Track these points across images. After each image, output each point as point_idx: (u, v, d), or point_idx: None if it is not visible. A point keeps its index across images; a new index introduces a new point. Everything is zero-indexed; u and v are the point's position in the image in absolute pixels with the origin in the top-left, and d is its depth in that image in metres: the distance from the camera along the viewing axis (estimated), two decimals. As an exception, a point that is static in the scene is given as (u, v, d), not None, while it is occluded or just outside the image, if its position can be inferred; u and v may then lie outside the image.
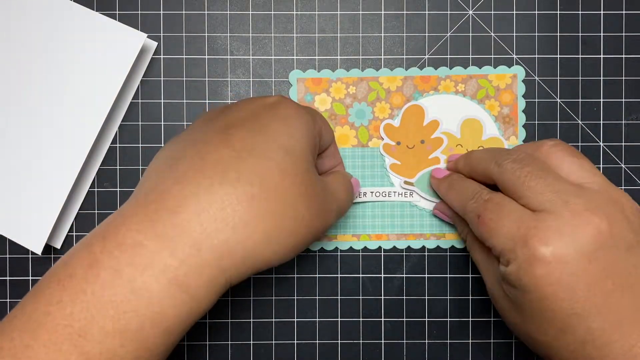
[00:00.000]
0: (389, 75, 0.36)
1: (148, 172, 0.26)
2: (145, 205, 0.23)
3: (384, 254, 0.36)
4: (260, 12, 0.36)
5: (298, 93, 0.36)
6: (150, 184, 0.25)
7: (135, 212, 0.23)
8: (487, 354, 0.36)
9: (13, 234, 0.34)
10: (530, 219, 0.26)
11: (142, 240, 0.22)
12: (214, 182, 0.24)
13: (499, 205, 0.28)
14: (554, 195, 0.26)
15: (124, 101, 0.36)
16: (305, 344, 0.36)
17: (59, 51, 0.34)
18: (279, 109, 0.27)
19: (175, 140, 0.27)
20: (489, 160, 0.30)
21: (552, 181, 0.27)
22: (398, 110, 0.36)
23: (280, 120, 0.26)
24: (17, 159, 0.34)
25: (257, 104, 0.27)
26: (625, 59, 0.36)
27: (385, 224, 0.36)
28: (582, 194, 0.26)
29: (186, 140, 0.26)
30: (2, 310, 0.36)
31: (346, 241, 0.36)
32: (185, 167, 0.24)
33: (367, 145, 0.36)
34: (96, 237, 0.23)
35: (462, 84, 0.36)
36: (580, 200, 0.26)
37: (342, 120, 0.36)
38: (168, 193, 0.23)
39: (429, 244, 0.36)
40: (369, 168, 0.36)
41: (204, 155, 0.25)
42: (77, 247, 0.23)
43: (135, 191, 0.25)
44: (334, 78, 0.36)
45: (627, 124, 0.36)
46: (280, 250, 0.25)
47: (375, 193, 0.35)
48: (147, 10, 0.36)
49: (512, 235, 0.27)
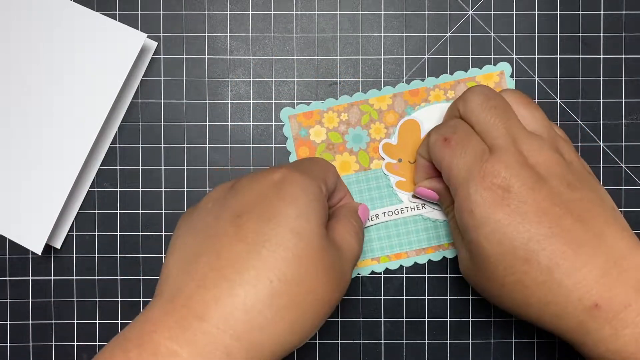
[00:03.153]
0: (378, 95, 0.36)
1: (168, 265, 0.26)
2: (174, 311, 0.24)
3: (406, 275, 0.36)
4: (260, 12, 0.36)
5: (292, 130, 0.36)
6: (174, 283, 0.25)
7: (165, 319, 0.24)
8: (487, 354, 0.36)
9: (13, 234, 0.34)
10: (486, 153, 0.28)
11: (177, 350, 0.23)
12: (234, 285, 0.24)
13: (467, 132, 0.30)
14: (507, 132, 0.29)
15: (124, 101, 0.36)
16: (305, 344, 0.36)
17: (59, 51, 0.34)
18: (285, 188, 0.27)
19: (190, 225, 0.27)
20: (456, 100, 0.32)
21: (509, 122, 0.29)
22: (393, 128, 0.36)
23: (288, 202, 0.26)
24: (17, 159, 0.34)
25: (263, 184, 0.27)
26: (625, 59, 0.36)
27: (402, 241, 0.36)
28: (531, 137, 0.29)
29: (201, 230, 0.27)
30: (2, 310, 0.36)
31: (367, 266, 0.36)
32: (204, 267, 0.25)
33: (369, 168, 0.36)
34: (132, 343, 0.23)
35: (452, 91, 0.36)
36: (527, 140, 0.29)
37: (340, 147, 0.36)
38: (192, 299, 0.24)
39: (448, 253, 0.36)
40: (375, 190, 0.36)
41: (219, 251, 0.25)
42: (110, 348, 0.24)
43: (159, 288, 0.26)
44: (325, 108, 0.36)
45: (627, 124, 0.36)
46: (306, 335, 0.26)
47: (388, 212, 0.35)
48: (147, 10, 0.36)
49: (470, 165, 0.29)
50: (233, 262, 0.25)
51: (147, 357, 0.23)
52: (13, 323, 0.36)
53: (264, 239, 0.25)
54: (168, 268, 0.26)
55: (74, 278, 0.36)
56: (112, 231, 0.36)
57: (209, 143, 0.36)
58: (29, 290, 0.36)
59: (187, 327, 0.23)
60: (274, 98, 0.36)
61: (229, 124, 0.36)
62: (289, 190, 0.27)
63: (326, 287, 0.26)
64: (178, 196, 0.36)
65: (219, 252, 0.25)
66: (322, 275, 0.26)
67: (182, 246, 0.27)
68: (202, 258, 0.25)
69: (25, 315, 0.36)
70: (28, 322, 0.36)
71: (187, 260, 0.26)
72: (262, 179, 0.28)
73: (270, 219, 0.26)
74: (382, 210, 0.35)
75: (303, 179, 0.28)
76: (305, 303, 0.25)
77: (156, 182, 0.36)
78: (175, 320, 0.24)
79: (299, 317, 0.25)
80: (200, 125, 0.36)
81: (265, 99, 0.36)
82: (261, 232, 0.25)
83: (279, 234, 0.25)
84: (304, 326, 0.25)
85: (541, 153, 0.28)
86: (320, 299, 0.26)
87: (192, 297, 0.24)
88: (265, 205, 0.26)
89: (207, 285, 0.24)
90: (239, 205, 0.27)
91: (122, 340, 0.24)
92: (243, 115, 0.36)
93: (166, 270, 0.26)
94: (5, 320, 0.36)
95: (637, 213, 0.36)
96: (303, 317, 0.25)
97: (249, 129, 0.36)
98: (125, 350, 0.23)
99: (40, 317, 0.36)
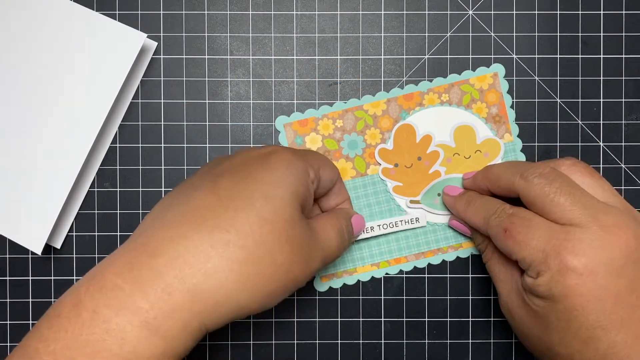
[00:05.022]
0: (372, 101, 0.36)
1: (145, 217, 0.28)
2: (130, 249, 0.25)
3: (406, 276, 0.36)
4: (260, 12, 0.36)
5: (287, 138, 0.36)
6: (142, 228, 0.26)
7: (120, 255, 0.25)
8: (487, 354, 0.36)
9: (13, 234, 0.34)
10: (560, 232, 0.27)
11: (120, 283, 0.24)
12: (190, 229, 0.25)
13: (525, 219, 0.29)
14: (582, 210, 0.27)
15: (124, 101, 0.36)
16: (305, 344, 0.36)
17: (59, 51, 0.34)
18: (270, 159, 0.28)
19: (178, 186, 0.29)
20: (512, 174, 0.30)
21: (580, 197, 0.28)
22: (388, 133, 0.36)
23: (267, 169, 0.27)
24: (18, 159, 0.34)
25: (252, 153, 0.29)
26: (625, 59, 0.36)
27: (402, 246, 0.36)
28: (609, 211, 0.27)
29: (183, 187, 0.28)
30: (2, 310, 0.36)
31: (367, 272, 0.36)
32: (173, 212, 0.26)
33: (366, 174, 0.36)
34: (84, 279, 0.25)
35: (446, 94, 0.36)
36: (608, 216, 0.27)
37: (336, 154, 0.36)
38: (151, 237, 0.25)
39: (448, 257, 0.36)
40: (372, 195, 0.36)
41: (190, 201, 0.26)
42: (70, 288, 0.25)
43: (131, 236, 0.27)
44: (319, 115, 0.36)
45: (627, 124, 0.36)
46: (257, 297, 0.26)
47: (383, 226, 0.35)
48: (147, 10, 0.36)
49: (542, 247, 0.27)
50: (199, 211, 0.26)
51: (94, 290, 0.24)
52: (13, 323, 0.36)
53: (234, 195, 0.26)
54: (145, 217, 0.28)
55: (74, 278, 0.36)
56: (112, 231, 0.36)
57: (209, 143, 0.36)
58: (29, 290, 0.36)
59: (136, 263, 0.24)
60: (274, 98, 0.36)
61: (229, 124, 0.36)
62: (272, 160, 0.28)
63: (288, 257, 0.26)
64: (178, 196, 0.36)
65: (189, 203, 0.26)
66: (284, 244, 0.26)
67: (162, 200, 0.28)
68: (174, 207, 0.26)
69: (25, 315, 0.36)
70: (28, 322, 0.36)
71: (162, 210, 0.27)
72: (253, 150, 0.29)
73: (245, 180, 0.27)
74: (377, 223, 0.35)
75: (290, 155, 0.28)
76: (261, 263, 0.25)
77: (156, 182, 0.36)
78: (128, 258, 0.25)
79: (250, 273, 0.25)
80: (200, 125, 0.36)
81: (265, 99, 0.36)
82: (234, 189, 0.26)
83: (250, 194, 0.26)
84: (255, 285, 0.25)
85: (624, 228, 0.27)
86: (279, 266, 0.26)
87: (152, 236, 0.25)
88: (245, 169, 0.27)
89: (167, 227, 0.25)
90: (224, 167, 0.28)
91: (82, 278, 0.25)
92: (243, 115, 0.36)
93: (143, 220, 0.28)
94: (5, 320, 0.36)
95: (637, 213, 0.36)
96: (255, 275, 0.25)
97: (249, 129, 0.36)
98: (78, 285, 0.25)
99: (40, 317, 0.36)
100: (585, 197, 0.28)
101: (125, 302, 0.23)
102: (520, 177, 0.30)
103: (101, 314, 0.23)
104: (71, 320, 0.23)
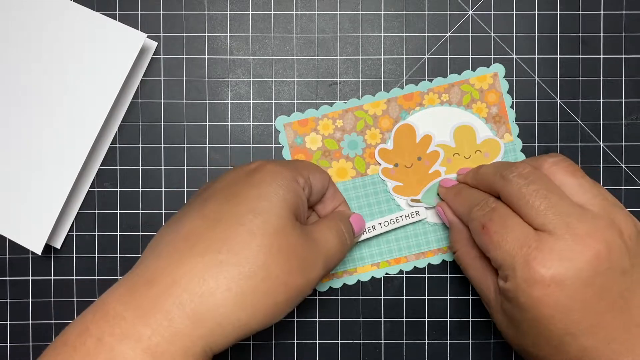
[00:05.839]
0: (372, 101, 0.36)
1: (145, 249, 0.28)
2: (129, 278, 0.26)
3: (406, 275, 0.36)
4: (260, 12, 0.36)
5: (287, 138, 0.36)
6: (140, 260, 0.27)
7: (122, 285, 0.26)
8: (487, 354, 0.36)
9: (13, 234, 0.34)
10: (533, 239, 0.27)
11: (122, 312, 0.24)
12: (183, 255, 0.25)
13: (503, 218, 0.28)
14: (556, 217, 0.27)
15: (124, 101, 0.36)
16: (305, 344, 0.36)
17: (59, 51, 0.34)
18: (254, 175, 0.28)
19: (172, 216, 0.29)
20: (493, 173, 0.30)
21: (556, 202, 0.27)
22: (388, 133, 0.36)
23: (251, 185, 0.28)
24: (17, 159, 0.34)
25: (238, 172, 0.29)
26: (625, 59, 0.36)
27: (402, 246, 0.36)
28: (583, 218, 0.27)
29: (176, 217, 0.29)
30: (3, 310, 0.36)
31: (366, 272, 0.36)
32: (165, 242, 0.27)
33: (366, 174, 0.36)
34: (90, 308, 0.25)
35: (446, 94, 0.36)
36: (581, 224, 0.27)
37: (336, 154, 0.36)
38: (147, 268, 0.26)
39: (448, 256, 0.36)
40: (372, 195, 0.36)
41: (180, 229, 0.27)
42: (78, 316, 0.26)
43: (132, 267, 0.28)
44: (319, 115, 0.36)
45: (627, 124, 0.36)
46: (258, 313, 0.25)
47: (384, 223, 0.35)
48: (147, 10, 0.36)
49: (513, 252, 0.27)
50: (190, 236, 0.26)
51: (99, 318, 0.25)
52: (13, 323, 0.36)
53: (221, 216, 0.26)
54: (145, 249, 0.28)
55: (74, 278, 0.36)
56: (112, 231, 0.36)
57: (209, 143, 0.36)
58: (29, 290, 0.36)
59: (135, 291, 0.25)
60: (274, 98, 0.36)
61: (229, 124, 0.36)
62: (258, 176, 0.28)
63: (284, 268, 0.26)
64: (178, 196, 0.36)
65: (179, 230, 0.27)
66: (278, 255, 0.26)
67: (159, 231, 0.29)
68: (166, 237, 0.27)
69: (25, 315, 0.36)
70: (28, 322, 0.36)
71: (156, 240, 0.28)
72: (239, 168, 0.29)
73: (230, 199, 0.27)
74: (378, 221, 0.35)
75: (274, 167, 0.29)
76: (257, 278, 0.25)
77: (156, 182, 0.36)
78: (128, 286, 0.25)
79: (246, 290, 0.25)
80: (200, 125, 0.36)
81: (265, 99, 0.36)
82: (221, 211, 0.27)
83: (237, 212, 0.26)
84: (254, 301, 0.25)
85: (596, 237, 0.26)
86: (275, 278, 0.26)
87: (148, 267, 0.26)
88: (231, 188, 0.28)
89: (162, 257, 0.26)
90: (210, 191, 0.28)
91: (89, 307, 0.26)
92: (243, 115, 0.36)
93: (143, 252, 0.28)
94: (5, 320, 0.36)
95: (637, 213, 0.36)
96: (254, 292, 0.25)
97: (249, 129, 0.36)
98: (85, 313, 0.25)
99: (40, 317, 0.36)
100: (561, 202, 0.27)
101: (127, 330, 0.24)
102: (500, 176, 0.30)
103: (105, 342, 0.24)
104: (77, 348, 0.24)
